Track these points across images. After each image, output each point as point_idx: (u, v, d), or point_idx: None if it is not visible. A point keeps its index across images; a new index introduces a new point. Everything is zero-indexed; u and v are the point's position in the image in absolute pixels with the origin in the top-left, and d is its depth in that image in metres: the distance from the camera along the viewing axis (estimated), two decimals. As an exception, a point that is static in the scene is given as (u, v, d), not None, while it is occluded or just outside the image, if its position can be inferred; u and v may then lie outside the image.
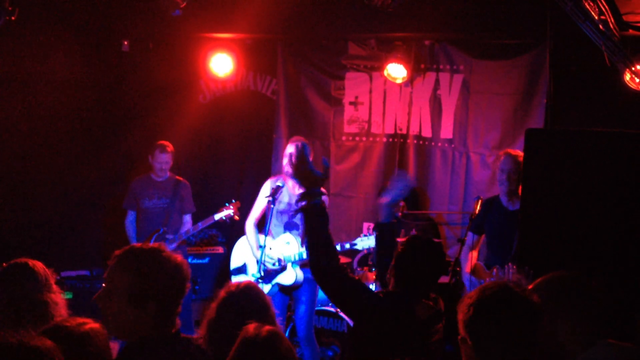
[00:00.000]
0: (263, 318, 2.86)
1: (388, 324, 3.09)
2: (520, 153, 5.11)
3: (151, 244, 2.48)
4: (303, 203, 2.88)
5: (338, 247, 3.05)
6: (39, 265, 3.12)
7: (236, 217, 6.00)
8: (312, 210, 2.87)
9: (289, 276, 5.41)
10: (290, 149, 5.41)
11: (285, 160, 5.40)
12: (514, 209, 5.09)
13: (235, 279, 5.52)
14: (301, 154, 2.92)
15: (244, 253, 5.71)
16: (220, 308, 2.95)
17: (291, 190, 5.48)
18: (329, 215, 2.96)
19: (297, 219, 5.49)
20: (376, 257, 3.55)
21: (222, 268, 6.66)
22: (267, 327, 2.40)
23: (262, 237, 5.47)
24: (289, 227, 5.51)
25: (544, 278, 2.50)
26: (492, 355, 1.99)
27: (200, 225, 6.08)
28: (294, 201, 5.46)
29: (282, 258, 5.40)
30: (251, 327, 2.40)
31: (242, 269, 5.70)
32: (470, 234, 5.20)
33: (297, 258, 5.38)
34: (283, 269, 5.43)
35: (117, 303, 2.36)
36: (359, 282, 3.16)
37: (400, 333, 3.08)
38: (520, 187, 5.00)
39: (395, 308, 3.14)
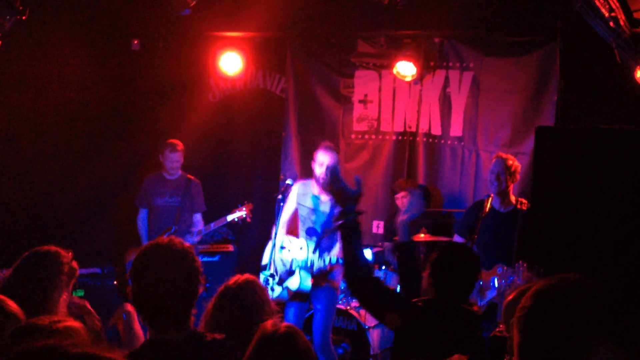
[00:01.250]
0: (260, 312, 2.86)
1: (424, 331, 3.07)
2: (510, 157, 5.28)
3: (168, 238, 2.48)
4: (339, 222, 3.05)
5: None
6: (55, 255, 3.15)
7: (248, 219, 5.99)
8: (346, 226, 3.03)
9: (294, 281, 5.37)
10: (323, 157, 5.25)
11: (319, 170, 5.28)
12: (506, 211, 5.20)
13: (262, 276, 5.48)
14: (334, 174, 3.09)
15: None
16: (218, 303, 2.96)
17: (316, 195, 5.43)
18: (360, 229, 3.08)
19: (318, 226, 5.42)
20: (400, 278, 3.55)
21: (232, 266, 6.66)
22: (285, 324, 2.37)
23: (289, 238, 5.44)
24: (309, 232, 5.45)
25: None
26: (537, 352, 1.99)
27: (213, 225, 6.09)
28: (320, 208, 5.42)
29: (291, 262, 5.38)
30: (269, 323, 2.36)
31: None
32: (457, 237, 5.25)
33: (303, 264, 5.32)
34: (291, 273, 5.41)
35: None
36: (393, 291, 3.17)
37: (437, 339, 3.05)
38: (510, 190, 5.21)
39: (433, 315, 3.13)
